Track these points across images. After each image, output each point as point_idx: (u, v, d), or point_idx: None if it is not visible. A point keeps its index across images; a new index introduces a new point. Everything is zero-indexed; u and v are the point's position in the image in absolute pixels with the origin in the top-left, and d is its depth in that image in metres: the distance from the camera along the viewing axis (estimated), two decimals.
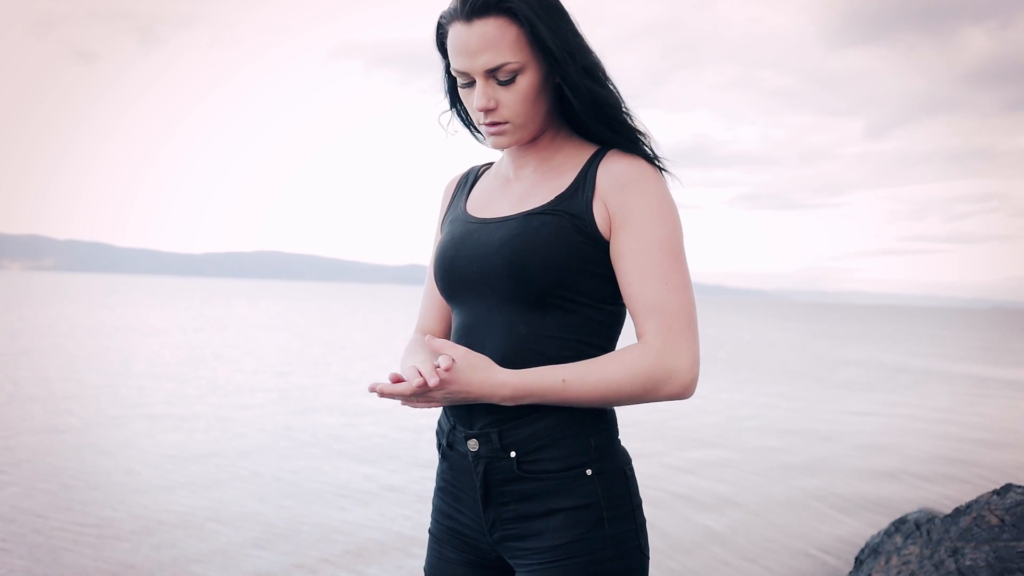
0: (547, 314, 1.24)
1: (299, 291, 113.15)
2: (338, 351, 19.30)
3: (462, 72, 1.25)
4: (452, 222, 1.40)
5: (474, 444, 1.27)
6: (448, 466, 1.34)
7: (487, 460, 1.26)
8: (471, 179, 1.46)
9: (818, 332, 39.58)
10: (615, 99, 1.28)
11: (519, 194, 1.33)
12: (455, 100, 1.39)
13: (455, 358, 1.19)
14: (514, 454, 1.24)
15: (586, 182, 1.26)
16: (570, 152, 1.32)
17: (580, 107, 1.26)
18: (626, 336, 1.29)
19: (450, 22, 1.25)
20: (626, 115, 1.29)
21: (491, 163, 1.49)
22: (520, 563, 1.27)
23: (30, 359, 14.64)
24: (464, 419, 1.29)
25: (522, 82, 1.24)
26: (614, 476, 1.26)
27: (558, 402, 1.21)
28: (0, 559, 4.50)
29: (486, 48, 1.21)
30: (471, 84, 1.26)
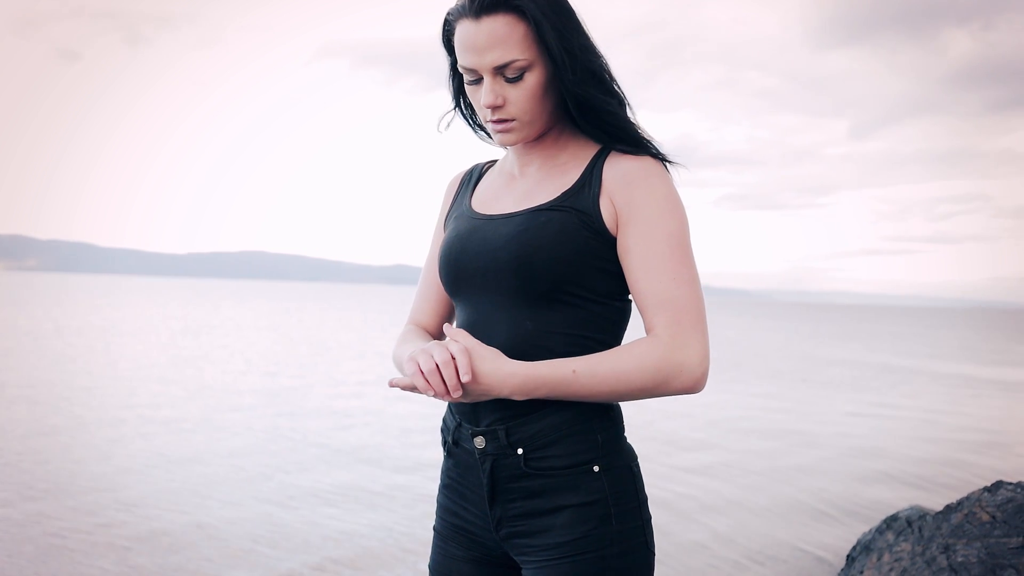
0: (553, 310, 1.24)
1: (285, 291, 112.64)
2: (325, 351, 19.23)
3: (470, 69, 1.25)
4: (457, 218, 1.39)
5: (480, 441, 1.27)
6: (454, 463, 1.34)
7: (494, 457, 1.26)
8: (475, 176, 1.46)
9: (803, 332, 39.78)
10: (614, 105, 1.28)
11: (525, 191, 1.33)
12: (459, 98, 1.39)
13: (467, 347, 1.19)
14: (521, 451, 1.24)
15: (592, 178, 1.26)
16: (575, 149, 1.33)
17: (575, 110, 1.26)
18: (631, 332, 1.29)
19: (458, 19, 1.25)
20: (626, 121, 1.29)
21: (494, 160, 1.49)
22: (526, 560, 1.27)
23: (14, 359, 14.50)
24: (470, 416, 1.29)
25: (530, 79, 1.24)
26: (621, 472, 1.26)
27: (567, 395, 1.20)
28: None
29: (495, 45, 1.21)
30: (478, 81, 1.26)
